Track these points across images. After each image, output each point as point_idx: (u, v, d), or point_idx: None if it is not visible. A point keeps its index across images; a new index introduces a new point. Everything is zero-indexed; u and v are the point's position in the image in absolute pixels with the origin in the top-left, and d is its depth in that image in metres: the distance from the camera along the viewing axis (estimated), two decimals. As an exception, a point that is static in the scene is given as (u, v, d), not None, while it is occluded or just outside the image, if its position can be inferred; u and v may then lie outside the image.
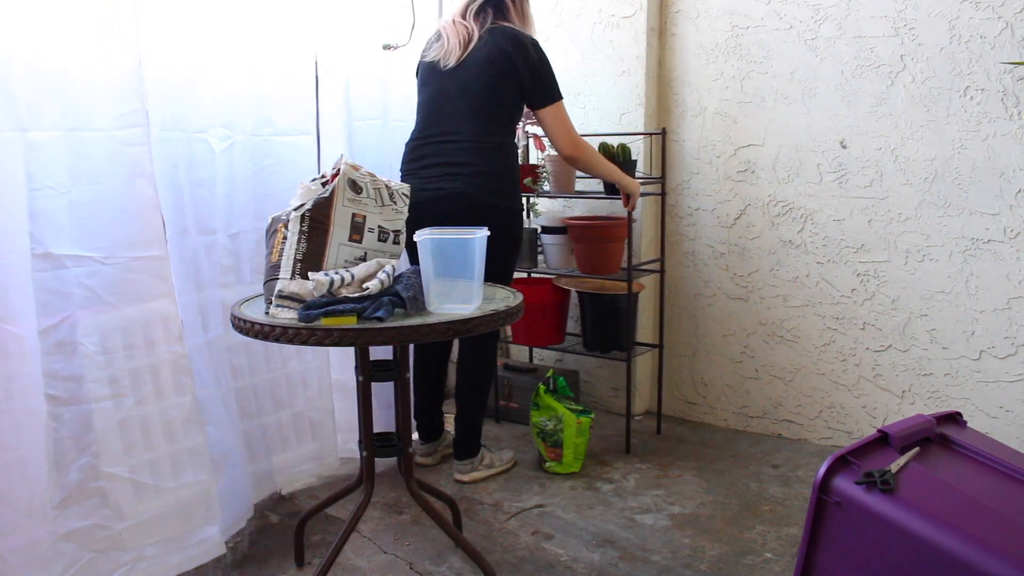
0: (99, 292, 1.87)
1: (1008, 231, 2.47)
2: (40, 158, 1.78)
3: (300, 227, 1.79)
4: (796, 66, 2.76)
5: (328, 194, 1.81)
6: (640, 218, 3.05)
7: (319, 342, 1.64)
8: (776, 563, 2.08)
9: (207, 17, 2.22)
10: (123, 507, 1.89)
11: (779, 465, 2.71)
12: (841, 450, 1.51)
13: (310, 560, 2.12)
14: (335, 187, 1.82)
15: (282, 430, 2.49)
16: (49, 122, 1.81)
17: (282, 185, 2.46)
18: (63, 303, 1.82)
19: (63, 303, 1.82)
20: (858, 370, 2.79)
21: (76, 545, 1.82)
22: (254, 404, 2.39)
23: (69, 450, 1.82)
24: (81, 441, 1.83)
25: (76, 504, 1.83)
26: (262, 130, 2.36)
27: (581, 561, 2.11)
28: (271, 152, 2.41)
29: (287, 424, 2.50)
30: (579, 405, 2.78)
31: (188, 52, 2.16)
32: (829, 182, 2.76)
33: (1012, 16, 2.38)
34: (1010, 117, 2.42)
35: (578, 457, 2.66)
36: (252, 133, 2.34)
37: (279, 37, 2.41)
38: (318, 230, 1.80)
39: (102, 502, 1.86)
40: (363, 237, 1.86)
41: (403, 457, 2.02)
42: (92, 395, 1.85)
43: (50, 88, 1.80)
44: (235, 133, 2.29)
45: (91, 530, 1.84)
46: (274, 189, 2.43)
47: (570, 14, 3.13)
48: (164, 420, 1.98)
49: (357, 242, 1.86)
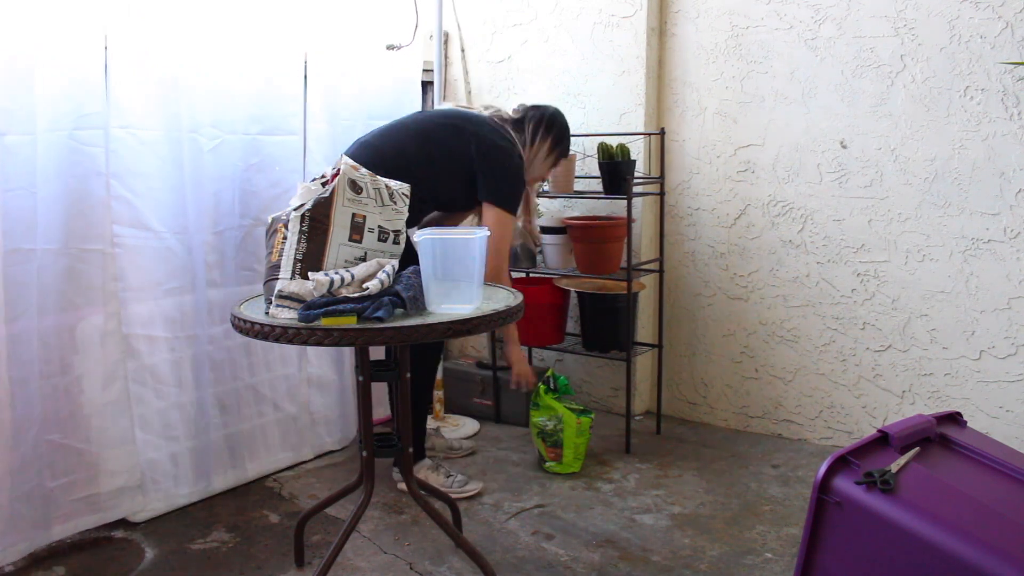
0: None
1: (1008, 231, 2.47)
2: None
3: (300, 227, 1.79)
4: (796, 66, 2.76)
5: (328, 194, 1.81)
6: (640, 218, 3.05)
7: (319, 342, 1.64)
8: (776, 563, 2.08)
9: (197, 16, 2.27)
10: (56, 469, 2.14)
11: (779, 465, 2.71)
12: (841, 450, 1.51)
13: (310, 560, 2.12)
14: (335, 187, 1.82)
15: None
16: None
17: (267, 183, 2.52)
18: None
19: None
20: (858, 370, 2.79)
21: (23, 504, 2.05)
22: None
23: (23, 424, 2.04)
24: (30, 415, 2.06)
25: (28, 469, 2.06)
26: (250, 129, 2.40)
27: (581, 561, 2.11)
28: (259, 151, 2.47)
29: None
30: (579, 405, 2.78)
31: (177, 51, 2.23)
32: (829, 182, 2.76)
33: (1012, 16, 2.38)
34: (1010, 117, 2.42)
35: (578, 457, 2.66)
36: (243, 132, 2.37)
37: (269, 36, 2.44)
38: (318, 230, 1.80)
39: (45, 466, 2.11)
40: (363, 237, 1.86)
41: (403, 457, 2.02)
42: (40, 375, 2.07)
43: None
44: (224, 132, 2.34)
45: (34, 490, 2.07)
46: (259, 187, 2.49)
47: (570, 14, 3.13)
48: (101, 400, 2.20)
49: (357, 242, 1.86)
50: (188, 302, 2.35)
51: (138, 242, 2.22)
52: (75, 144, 2.07)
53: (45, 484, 2.10)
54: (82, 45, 2.04)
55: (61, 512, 2.15)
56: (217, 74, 2.35)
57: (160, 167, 2.24)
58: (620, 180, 2.74)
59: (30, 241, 2.00)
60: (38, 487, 2.08)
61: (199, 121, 2.31)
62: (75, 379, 2.16)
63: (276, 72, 2.50)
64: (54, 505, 2.13)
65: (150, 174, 2.22)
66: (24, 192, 1.97)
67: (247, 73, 2.40)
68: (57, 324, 2.09)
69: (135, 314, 2.24)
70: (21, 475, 2.03)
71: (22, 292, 2.00)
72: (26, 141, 1.96)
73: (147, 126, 2.19)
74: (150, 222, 2.24)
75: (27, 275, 2.01)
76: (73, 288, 2.12)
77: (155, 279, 2.27)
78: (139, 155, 2.20)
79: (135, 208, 2.20)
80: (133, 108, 2.16)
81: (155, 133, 2.22)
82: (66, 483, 2.16)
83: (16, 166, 1.95)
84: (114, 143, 2.13)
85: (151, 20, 2.18)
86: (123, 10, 2.11)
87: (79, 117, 2.06)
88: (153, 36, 2.18)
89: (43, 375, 2.08)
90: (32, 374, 2.05)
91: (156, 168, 2.23)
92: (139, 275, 2.24)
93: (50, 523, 2.13)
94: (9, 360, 1.99)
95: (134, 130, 2.17)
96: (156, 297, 2.28)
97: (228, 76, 2.37)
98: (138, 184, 2.20)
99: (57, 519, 2.14)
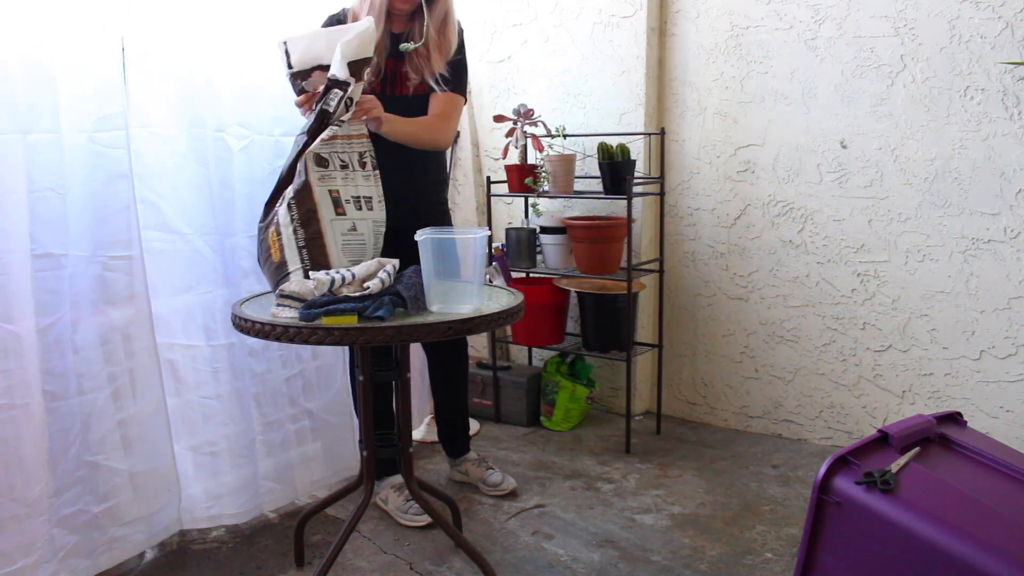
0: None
1: (1008, 231, 2.47)
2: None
3: (290, 216, 1.82)
4: (796, 66, 2.76)
5: (304, 178, 1.84)
6: (640, 218, 3.05)
7: (320, 341, 1.64)
8: (776, 563, 2.08)
9: (220, 14, 2.23)
10: (100, 491, 2.00)
11: (779, 465, 2.71)
12: (841, 450, 1.51)
13: (310, 560, 2.12)
14: (305, 167, 1.84)
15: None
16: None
17: None
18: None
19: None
20: (858, 370, 2.79)
21: (65, 530, 1.92)
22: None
23: (60, 442, 1.91)
24: (70, 433, 1.93)
25: (67, 492, 1.93)
26: (274, 130, 2.36)
27: (581, 561, 2.11)
28: (283, 152, 2.42)
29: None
30: (591, 387, 3.09)
31: (203, 48, 2.17)
32: (829, 182, 2.76)
33: (1012, 16, 2.38)
34: (1010, 117, 2.42)
35: (568, 419, 3.04)
36: (268, 133, 2.33)
37: (291, 31, 2.40)
38: (307, 213, 1.84)
39: (85, 489, 1.97)
40: (345, 209, 1.90)
41: (403, 457, 2.02)
42: (79, 390, 1.94)
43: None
44: (252, 132, 2.30)
45: (75, 515, 1.94)
46: None
47: (570, 14, 3.13)
48: (136, 412, 2.06)
49: (342, 215, 1.90)
50: (219, 306, 2.21)
51: (165, 245, 2.11)
52: (97, 147, 1.94)
53: (89, 509, 1.96)
54: (100, 42, 1.94)
55: (105, 539, 2.00)
56: (242, 72, 2.26)
57: (184, 166, 2.13)
58: (620, 180, 2.74)
59: (61, 246, 1.88)
60: (81, 511, 1.95)
61: (224, 120, 2.21)
62: (112, 393, 2.00)
63: None
64: (99, 531, 1.99)
65: (172, 175, 2.12)
66: (52, 194, 1.86)
67: (272, 72, 2.33)
68: (92, 334, 1.95)
69: (162, 320, 2.12)
70: (61, 498, 1.90)
71: (54, 300, 1.87)
72: (50, 140, 1.85)
73: (167, 125, 2.09)
74: (176, 224, 2.13)
75: (59, 282, 1.88)
76: (104, 296, 1.98)
77: (185, 283, 2.16)
78: (160, 155, 2.09)
79: (159, 210, 2.10)
80: (153, 108, 2.07)
81: (175, 132, 2.11)
82: (108, 508, 2.00)
83: (40, 166, 1.83)
84: (136, 143, 2.02)
85: (171, 17, 2.10)
86: (142, 6, 2.04)
87: (99, 119, 1.94)
88: (172, 31, 2.10)
89: (80, 390, 1.93)
90: (69, 388, 1.91)
91: (178, 168, 2.12)
92: (166, 279, 2.13)
93: (93, 552, 1.97)
94: (43, 374, 1.85)
95: (154, 129, 2.07)
96: (186, 301, 2.16)
97: (254, 74, 2.29)
98: (162, 185, 2.10)
99: (101, 546, 1.99)
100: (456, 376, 2.55)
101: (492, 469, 2.54)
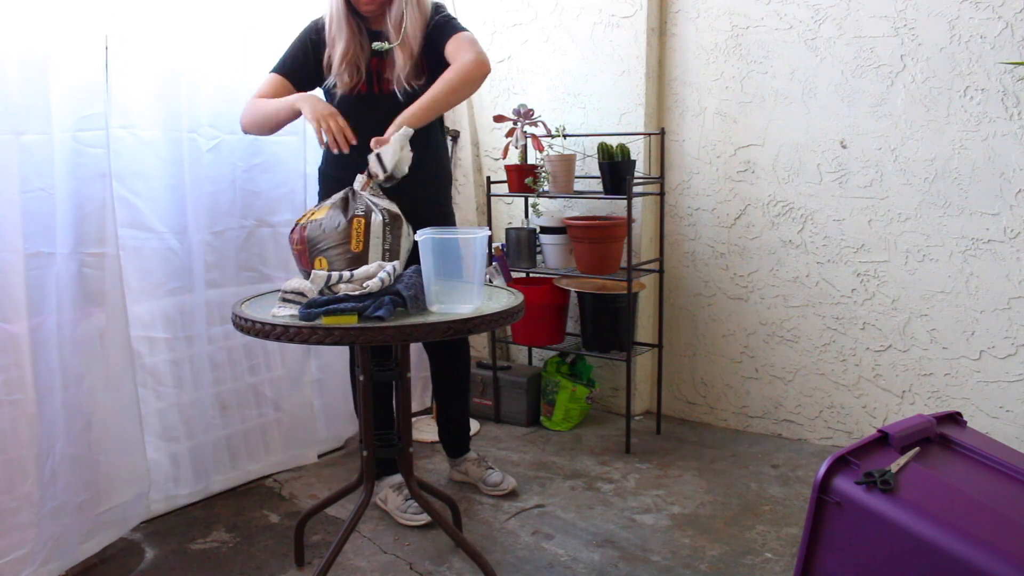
0: None
1: (1008, 231, 2.47)
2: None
3: (383, 220, 1.93)
4: (796, 66, 2.76)
5: (392, 206, 2.01)
6: (640, 218, 3.05)
7: (320, 341, 1.64)
8: (776, 563, 2.08)
9: (193, 14, 2.28)
10: (80, 483, 2.08)
11: (779, 465, 2.71)
12: (841, 450, 1.51)
13: (310, 560, 2.12)
14: (373, 192, 2.02)
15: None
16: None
17: (270, 183, 2.53)
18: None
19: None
20: (858, 370, 2.79)
21: (52, 521, 1.99)
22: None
23: (48, 437, 1.99)
24: (56, 427, 2.00)
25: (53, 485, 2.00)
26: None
27: (581, 561, 2.11)
28: (261, 151, 2.48)
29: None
30: (591, 387, 3.09)
31: (175, 49, 2.24)
32: (829, 182, 2.76)
33: (1012, 16, 2.38)
34: (1010, 117, 2.42)
35: (568, 419, 3.04)
36: (237, 132, 2.38)
37: (267, 34, 2.44)
38: (396, 224, 1.97)
39: (68, 481, 2.04)
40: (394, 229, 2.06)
41: (403, 457, 2.02)
42: (63, 385, 2.02)
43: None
44: (221, 132, 2.36)
45: (61, 507, 2.01)
46: (262, 187, 2.50)
47: (570, 14, 3.13)
48: (110, 406, 2.14)
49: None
50: (187, 302, 2.34)
51: (139, 243, 2.21)
52: (78, 146, 2.02)
53: (72, 499, 2.04)
54: (84, 43, 2.01)
55: (87, 528, 2.08)
56: (218, 73, 2.35)
57: (160, 166, 2.24)
58: (620, 180, 2.74)
59: (50, 244, 1.95)
60: (65, 503, 2.02)
61: (198, 121, 2.31)
62: (88, 388, 2.08)
63: None
64: (83, 520, 2.07)
65: (150, 174, 2.22)
66: (43, 194, 1.92)
67: (248, 72, 2.39)
68: (74, 331, 2.03)
69: (135, 315, 2.22)
70: (49, 491, 1.97)
71: (43, 297, 1.94)
72: (43, 141, 1.91)
73: (147, 125, 2.19)
74: (151, 223, 2.24)
75: (47, 280, 1.95)
76: (84, 293, 2.06)
77: (157, 280, 2.27)
78: (140, 155, 2.19)
79: (136, 208, 2.20)
80: (134, 107, 2.16)
81: (155, 132, 2.21)
82: (88, 498, 2.09)
83: (33, 167, 1.90)
84: (115, 143, 2.11)
85: (152, 18, 2.17)
86: (126, 7, 2.10)
87: (81, 119, 2.01)
88: (153, 34, 2.17)
89: (64, 385, 2.01)
90: (55, 384, 1.98)
91: (156, 168, 2.23)
92: (140, 276, 2.23)
93: (77, 540, 2.06)
94: (35, 371, 1.92)
95: (135, 130, 2.17)
96: (157, 298, 2.28)
97: (229, 75, 2.37)
98: (139, 185, 2.20)
99: (83, 535, 2.07)
100: (457, 376, 2.55)
101: (492, 469, 2.54)
